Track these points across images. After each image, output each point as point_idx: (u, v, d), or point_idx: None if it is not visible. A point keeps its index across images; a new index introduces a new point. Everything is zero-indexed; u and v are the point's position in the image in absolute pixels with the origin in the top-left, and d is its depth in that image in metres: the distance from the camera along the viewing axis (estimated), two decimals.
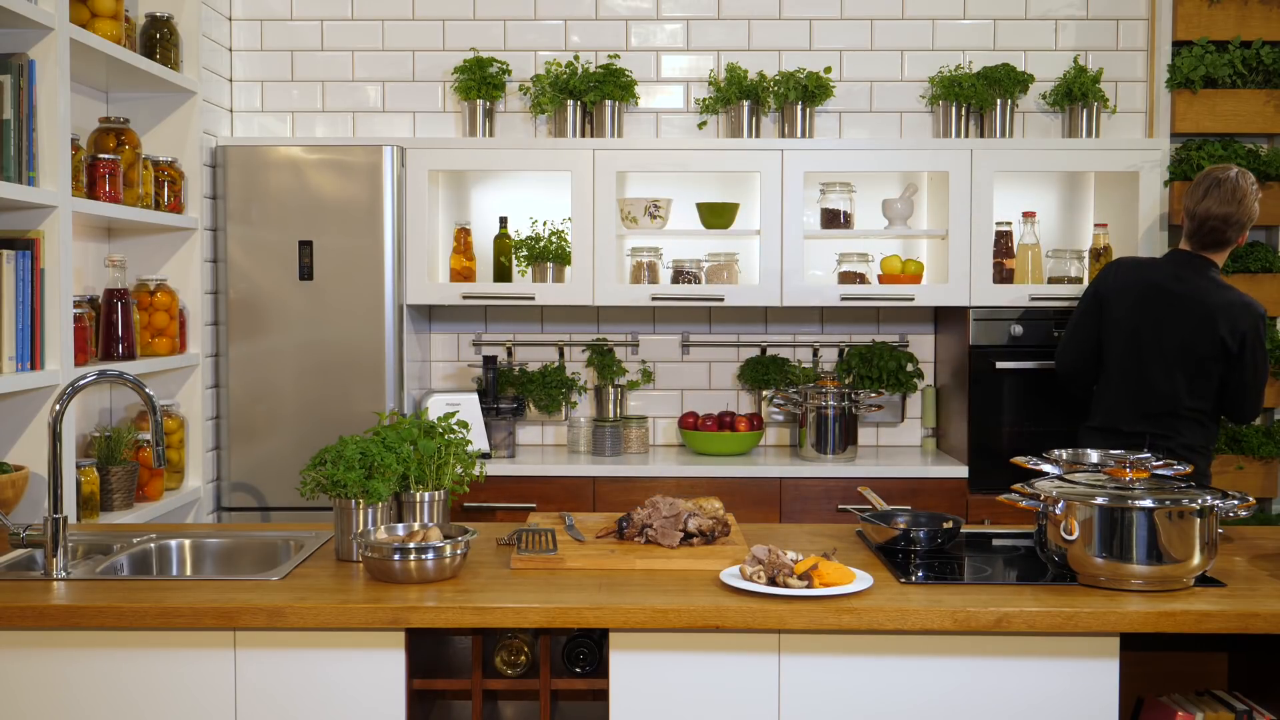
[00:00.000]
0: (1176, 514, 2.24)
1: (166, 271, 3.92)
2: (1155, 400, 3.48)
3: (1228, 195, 3.46)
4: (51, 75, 3.04)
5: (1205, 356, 3.42)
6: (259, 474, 4.10)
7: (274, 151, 4.09)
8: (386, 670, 2.23)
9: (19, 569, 2.52)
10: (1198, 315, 3.44)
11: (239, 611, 2.17)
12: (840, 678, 2.22)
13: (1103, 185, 4.46)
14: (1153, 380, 3.48)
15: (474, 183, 4.57)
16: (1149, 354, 3.49)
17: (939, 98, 4.42)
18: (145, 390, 2.55)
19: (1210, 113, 4.27)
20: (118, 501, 3.44)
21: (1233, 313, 3.42)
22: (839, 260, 4.44)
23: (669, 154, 4.24)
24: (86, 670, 2.22)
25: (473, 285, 4.29)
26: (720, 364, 4.62)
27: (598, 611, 2.17)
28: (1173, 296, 3.49)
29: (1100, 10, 4.50)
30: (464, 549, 2.37)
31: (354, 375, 4.08)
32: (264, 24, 4.52)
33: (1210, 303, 3.44)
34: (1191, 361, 3.44)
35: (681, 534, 2.55)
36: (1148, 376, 3.49)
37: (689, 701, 2.22)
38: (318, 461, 2.54)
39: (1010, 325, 4.17)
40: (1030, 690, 2.22)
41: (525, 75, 4.52)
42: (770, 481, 4.09)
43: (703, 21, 4.53)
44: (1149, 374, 3.49)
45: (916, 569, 2.46)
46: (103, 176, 3.38)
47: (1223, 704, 2.43)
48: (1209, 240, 3.52)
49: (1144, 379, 3.50)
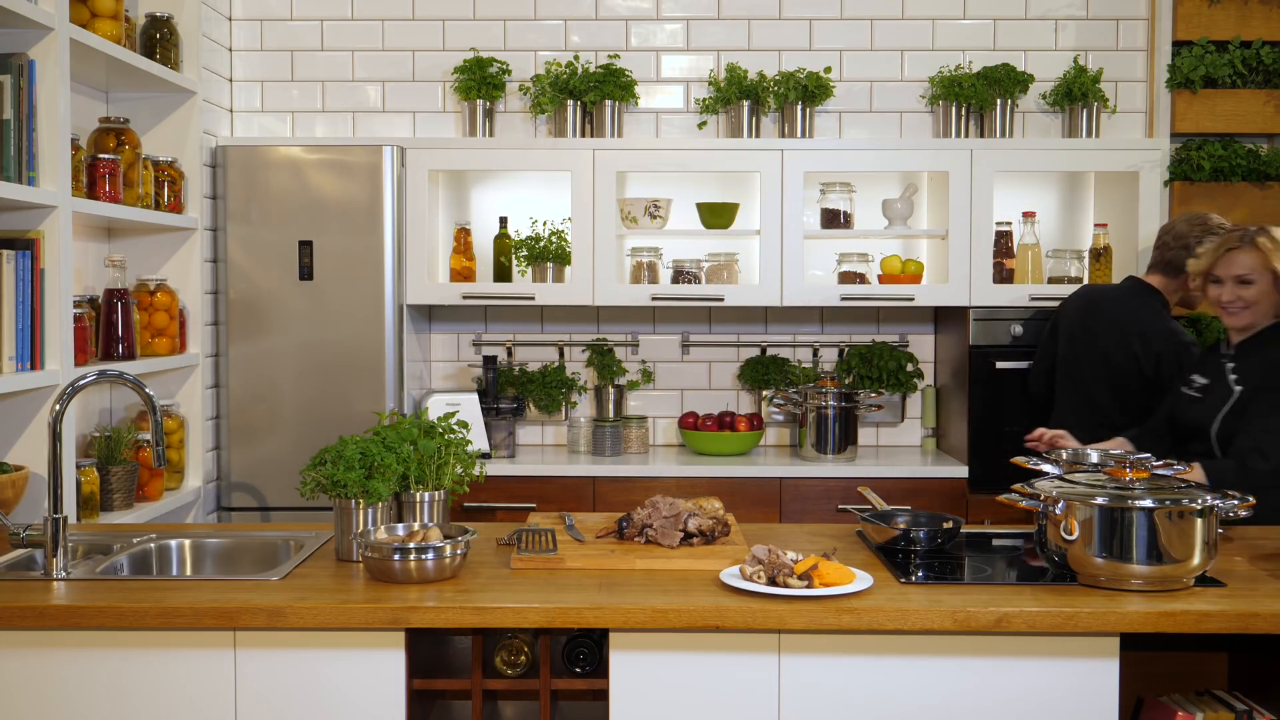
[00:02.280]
0: (1176, 514, 2.24)
1: (166, 271, 3.92)
2: (1092, 415, 3.66)
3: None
4: (51, 75, 3.04)
5: (1121, 371, 3.63)
6: (259, 474, 4.10)
7: (274, 151, 4.09)
8: (386, 670, 2.23)
9: (19, 569, 2.52)
10: (1118, 334, 3.65)
11: (239, 611, 2.17)
12: (840, 678, 2.22)
13: (1103, 185, 4.46)
14: (1091, 396, 3.70)
15: (474, 183, 4.57)
16: (1085, 370, 3.72)
17: (939, 98, 4.42)
18: (145, 390, 2.55)
19: (1210, 113, 4.27)
20: (118, 501, 3.44)
21: (1149, 336, 3.59)
22: (839, 260, 4.44)
23: (669, 154, 4.24)
24: (86, 670, 2.22)
25: (473, 285, 4.29)
26: (720, 364, 4.62)
27: (598, 611, 2.17)
28: (1107, 318, 3.70)
29: (1100, 10, 4.50)
30: (464, 549, 2.37)
31: (354, 375, 4.08)
32: (264, 24, 4.52)
33: (1135, 325, 3.63)
34: (1114, 376, 3.65)
35: (681, 534, 2.55)
36: (1087, 393, 3.71)
37: (689, 701, 2.22)
38: (318, 461, 2.54)
39: (1010, 325, 4.17)
40: (1030, 690, 2.21)
41: (525, 75, 4.52)
42: (770, 481, 4.09)
43: (703, 21, 4.53)
44: (1087, 390, 3.72)
45: (916, 569, 2.46)
46: (103, 176, 3.38)
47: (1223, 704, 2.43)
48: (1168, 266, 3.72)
49: (1083, 395, 3.73)
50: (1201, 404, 3.14)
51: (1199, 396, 3.16)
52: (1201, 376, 3.19)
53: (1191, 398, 3.18)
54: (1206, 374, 3.18)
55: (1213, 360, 3.20)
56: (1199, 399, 3.15)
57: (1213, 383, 3.14)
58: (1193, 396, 3.18)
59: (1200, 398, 3.15)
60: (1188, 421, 3.16)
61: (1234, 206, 4.23)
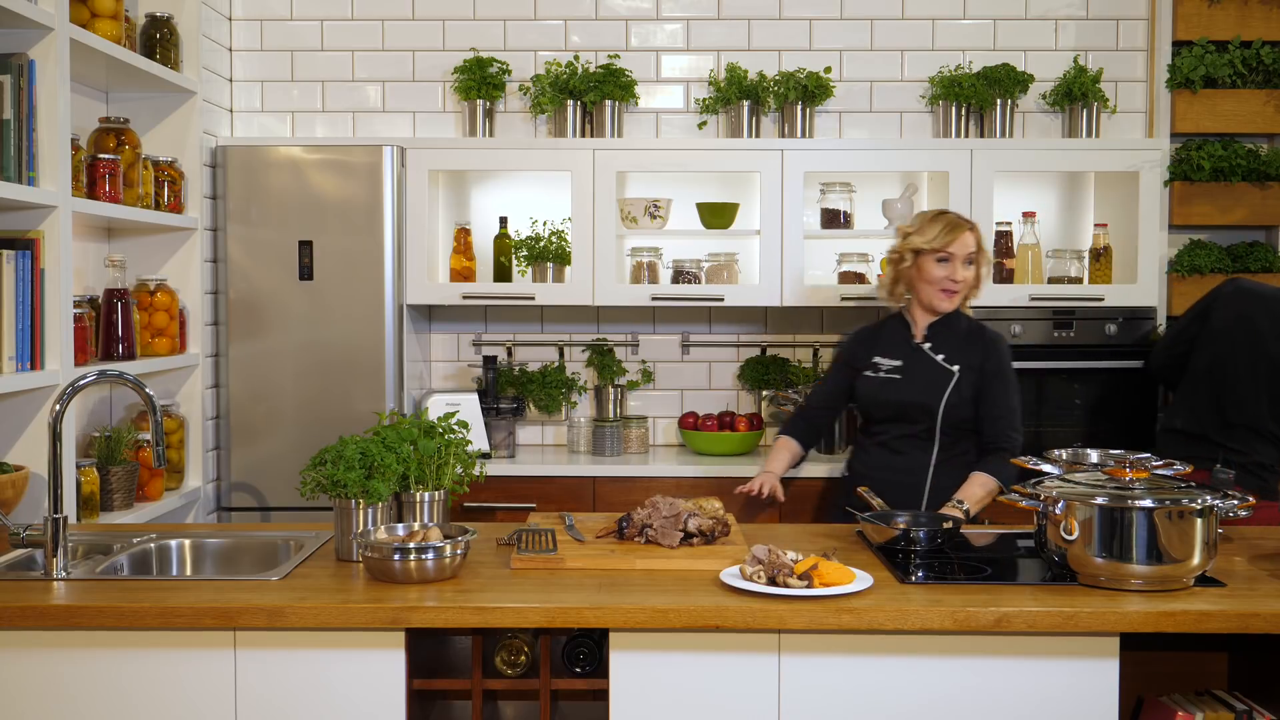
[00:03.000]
0: (1176, 514, 2.24)
1: (166, 271, 3.92)
2: (1228, 414, 3.54)
3: None
4: (51, 75, 3.04)
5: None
6: (259, 474, 4.10)
7: (274, 151, 4.09)
8: (386, 670, 2.23)
9: (19, 569, 2.52)
10: None
11: (239, 611, 2.17)
12: (840, 678, 2.22)
13: (1103, 185, 4.46)
14: (1241, 399, 3.54)
15: (474, 183, 4.57)
16: (1242, 370, 3.55)
17: (939, 98, 4.42)
18: (145, 390, 2.55)
19: (1210, 113, 4.27)
20: (118, 501, 3.44)
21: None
22: (839, 260, 4.44)
23: (669, 154, 4.24)
24: (86, 670, 2.22)
25: (473, 285, 4.29)
26: (720, 364, 4.62)
27: (598, 611, 2.17)
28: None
29: (1100, 10, 4.50)
30: (464, 549, 2.37)
31: (354, 375, 4.08)
32: (264, 24, 4.52)
33: None
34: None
35: (681, 534, 2.55)
36: (1237, 394, 3.55)
37: (689, 701, 2.22)
38: (318, 461, 2.54)
39: (1010, 325, 4.17)
40: (1030, 690, 2.22)
41: (525, 75, 4.52)
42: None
43: (703, 21, 4.53)
44: (1238, 391, 3.55)
45: (916, 569, 2.46)
46: (103, 176, 3.38)
47: (1223, 704, 2.43)
48: None
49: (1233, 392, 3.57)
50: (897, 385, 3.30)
51: (897, 378, 3.30)
52: (891, 359, 3.34)
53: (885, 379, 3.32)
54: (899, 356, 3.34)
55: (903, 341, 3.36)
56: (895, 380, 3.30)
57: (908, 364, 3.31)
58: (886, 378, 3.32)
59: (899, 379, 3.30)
60: (886, 400, 3.30)
61: (1234, 206, 4.23)
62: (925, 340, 3.32)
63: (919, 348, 3.32)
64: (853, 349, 3.46)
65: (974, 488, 3.12)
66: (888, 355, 3.35)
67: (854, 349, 3.45)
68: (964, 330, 3.32)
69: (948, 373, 3.25)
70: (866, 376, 3.36)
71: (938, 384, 3.25)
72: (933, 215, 3.36)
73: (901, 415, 3.29)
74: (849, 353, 3.47)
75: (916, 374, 3.29)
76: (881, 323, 3.48)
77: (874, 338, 3.42)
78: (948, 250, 3.26)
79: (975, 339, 3.30)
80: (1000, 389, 3.25)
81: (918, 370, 3.29)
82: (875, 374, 3.34)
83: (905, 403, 3.28)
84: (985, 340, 3.30)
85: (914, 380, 3.28)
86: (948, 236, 3.26)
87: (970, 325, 3.34)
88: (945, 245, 3.26)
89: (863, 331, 3.49)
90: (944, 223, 3.30)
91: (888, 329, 3.42)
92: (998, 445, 3.20)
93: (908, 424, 3.28)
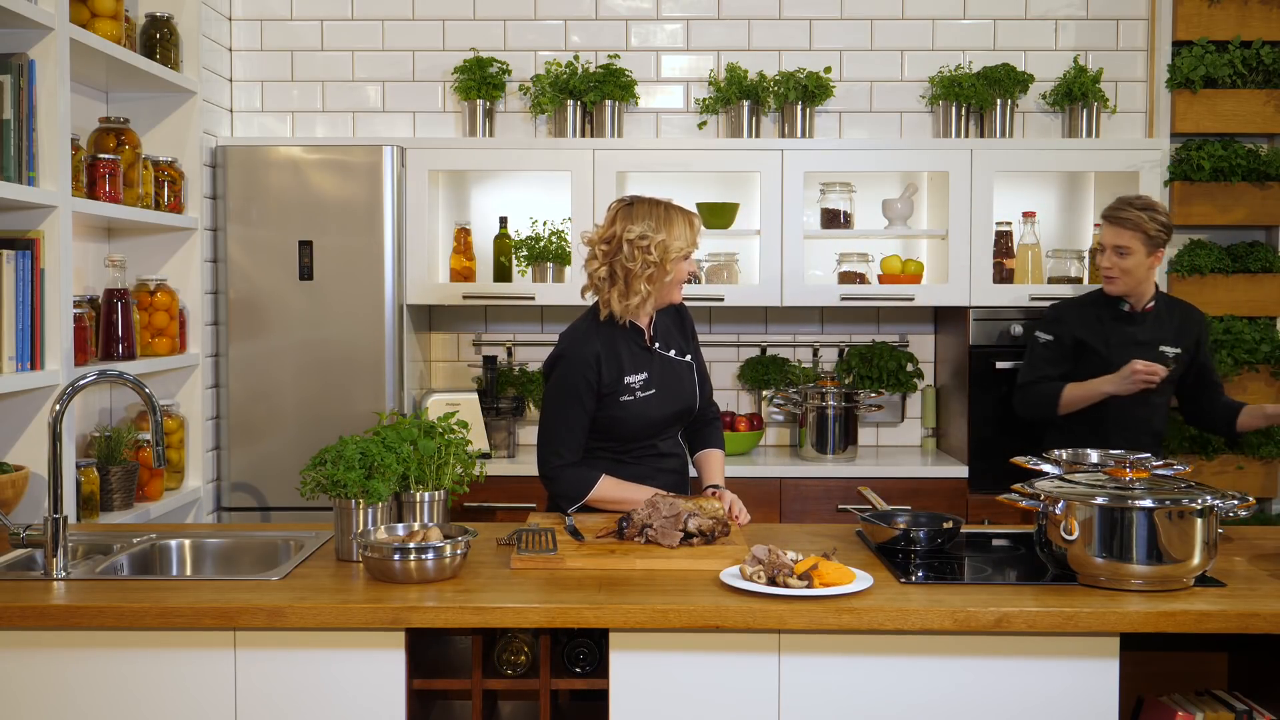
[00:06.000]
0: (1176, 514, 2.24)
1: (166, 271, 3.92)
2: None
3: None
4: (51, 75, 3.04)
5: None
6: (259, 474, 4.10)
7: (274, 151, 4.09)
8: (387, 670, 2.23)
9: (19, 569, 2.52)
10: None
11: (239, 611, 2.17)
12: (840, 678, 2.22)
13: (1103, 185, 4.46)
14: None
15: (474, 183, 4.57)
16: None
17: (939, 98, 4.42)
18: (145, 390, 2.55)
19: (1210, 113, 4.27)
20: (118, 501, 3.44)
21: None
22: (839, 260, 4.44)
23: (669, 154, 4.24)
24: (86, 670, 2.22)
25: (473, 285, 4.29)
26: (720, 364, 4.61)
27: (598, 611, 2.17)
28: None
29: (1100, 10, 4.50)
30: (464, 549, 2.37)
31: (354, 375, 4.08)
32: (264, 24, 4.52)
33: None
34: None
35: (681, 534, 2.55)
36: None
37: (689, 701, 2.22)
38: (318, 461, 2.54)
39: (1010, 325, 4.17)
40: (1030, 690, 2.21)
41: (525, 75, 4.52)
42: (770, 481, 4.09)
43: (703, 21, 4.53)
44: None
45: (916, 569, 2.46)
46: (103, 176, 3.38)
47: (1223, 704, 2.43)
48: None
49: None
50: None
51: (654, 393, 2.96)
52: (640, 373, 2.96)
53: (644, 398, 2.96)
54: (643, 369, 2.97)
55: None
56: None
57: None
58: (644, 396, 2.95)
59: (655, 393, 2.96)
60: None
61: (1234, 206, 4.23)
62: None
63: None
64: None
65: (718, 466, 3.08)
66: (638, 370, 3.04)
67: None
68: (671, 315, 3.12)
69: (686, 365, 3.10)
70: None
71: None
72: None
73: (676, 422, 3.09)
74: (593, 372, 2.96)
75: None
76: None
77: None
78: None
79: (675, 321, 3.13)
80: (701, 362, 3.17)
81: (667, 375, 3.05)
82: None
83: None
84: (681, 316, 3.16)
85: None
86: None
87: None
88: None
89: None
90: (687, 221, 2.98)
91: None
92: (714, 415, 3.20)
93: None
